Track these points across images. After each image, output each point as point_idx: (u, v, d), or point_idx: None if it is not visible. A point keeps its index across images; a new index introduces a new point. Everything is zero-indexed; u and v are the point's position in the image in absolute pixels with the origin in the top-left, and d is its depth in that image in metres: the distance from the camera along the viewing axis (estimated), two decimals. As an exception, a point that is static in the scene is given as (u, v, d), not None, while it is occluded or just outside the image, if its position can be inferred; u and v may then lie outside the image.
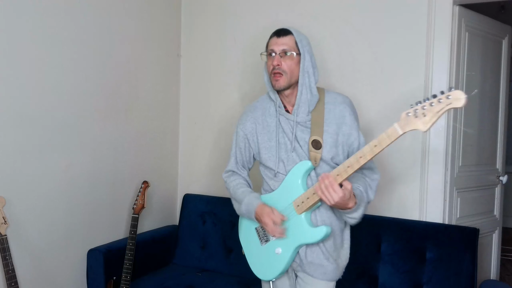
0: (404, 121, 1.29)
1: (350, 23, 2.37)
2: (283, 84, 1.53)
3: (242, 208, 1.62)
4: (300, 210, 1.50)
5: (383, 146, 1.33)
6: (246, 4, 2.65)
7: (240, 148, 1.70)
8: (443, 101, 1.22)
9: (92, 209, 2.28)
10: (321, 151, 1.52)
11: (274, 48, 1.53)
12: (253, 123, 1.65)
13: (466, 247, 1.97)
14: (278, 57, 1.52)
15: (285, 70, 1.52)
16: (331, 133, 1.53)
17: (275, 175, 1.59)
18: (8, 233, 1.81)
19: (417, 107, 1.27)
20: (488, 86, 2.56)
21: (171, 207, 2.84)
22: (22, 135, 1.93)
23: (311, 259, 1.55)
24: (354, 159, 1.38)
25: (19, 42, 1.89)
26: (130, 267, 2.12)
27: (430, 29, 2.19)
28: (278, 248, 1.55)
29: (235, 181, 1.70)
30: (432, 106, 1.24)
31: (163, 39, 2.70)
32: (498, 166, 2.71)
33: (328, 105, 1.55)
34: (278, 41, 1.53)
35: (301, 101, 1.54)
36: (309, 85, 1.54)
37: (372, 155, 1.35)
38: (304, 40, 1.56)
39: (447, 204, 2.25)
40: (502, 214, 2.78)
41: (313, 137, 1.52)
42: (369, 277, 2.10)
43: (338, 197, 1.36)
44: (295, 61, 1.53)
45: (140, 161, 2.56)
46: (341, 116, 1.54)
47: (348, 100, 1.59)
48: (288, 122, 1.57)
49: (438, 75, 2.19)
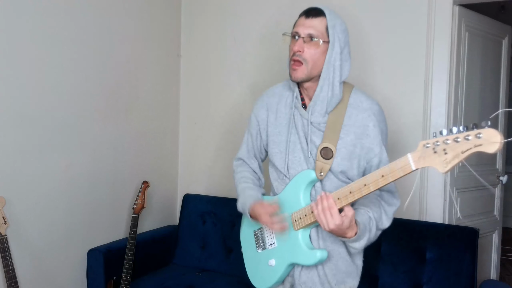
0: (420, 153, 1.05)
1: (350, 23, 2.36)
2: (301, 75, 1.30)
3: (240, 206, 1.48)
4: (297, 226, 1.33)
5: (389, 180, 1.11)
6: (246, 4, 2.65)
7: (252, 135, 1.51)
8: (472, 139, 0.95)
9: (92, 209, 2.28)
10: (331, 162, 1.29)
11: (299, 30, 1.29)
12: (266, 110, 1.45)
13: (466, 247, 1.96)
14: (301, 42, 1.28)
15: (306, 58, 1.28)
16: (347, 143, 1.30)
17: (278, 175, 1.43)
18: (8, 233, 1.81)
19: (439, 138, 1.01)
20: (488, 86, 2.56)
21: (171, 207, 2.84)
22: (22, 135, 1.93)
23: (305, 280, 1.36)
24: (357, 185, 1.18)
25: (19, 42, 1.89)
26: (130, 267, 2.12)
27: (430, 29, 2.19)
28: (272, 259, 1.41)
29: (241, 174, 1.54)
30: (457, 142, 0.97)
31: (163, 39, 2.70)
32: (498, 166, 2.71)
33: (350, 108, 1.32)
34: (305, 23, 1.29)
35: (319, 98, 1.31)
36: (332, 82, 1.30)
37: (377, 187, 1.14)
38: (338, 26, 1.30)
39: (447, 204, 2.25)
40: (502, 214, 2.78)
41: (324, 144, 1.30)
42: (369, 277, 2.10)
43: (334, 225, 1.17)
44: (321, 50, 1.28)
45: (140, 161, 2.56)
46: (363, 125, 1.30)
47: (376, 108, 1.33)
48: (302, 119, 1.36)
49: (438, 75, 2.19)
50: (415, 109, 2.24)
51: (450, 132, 1.00)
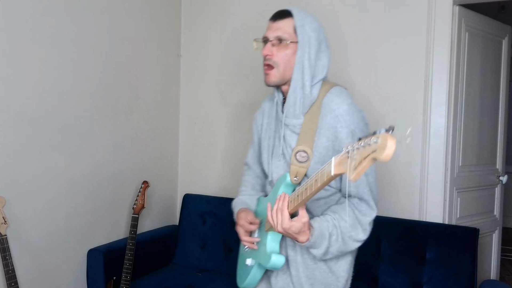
0: (340, 159, 0.97)
1: (350, 22, 2.37)
2: (273, 79, 1.27)
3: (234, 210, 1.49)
4: (267, 227, 1.30)
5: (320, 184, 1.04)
6: (246, 4, 2.65)
7: (254, 141, 1.51)
8: (372, 145, 0.85)
9: (92, 209, 2.28)
10: (307, 165, 1.23)
11: (267, 34, 1.28)
12: (262, 116, 1.45)
13: (466, 247, 1.96)
14: (270, 46, 1.26)
15: (277, 61, 1.26)
16: (319, 146, 1.24)
17: (267, 178, 1.42)
18: (8, 233, 1.81)
19: (355, 143, 0.92)
20: (488, 86, 2.56)
21: (171, 207, 2.84)
22: (22, 135, 1.93)
23: (281, 285, 1.32)
24: (301, 189, 1.12)
25: (19, 42, 1.89)
26: (130, 267, 2.12)
27: (430, 29, 2.19)
28: (249, 259, 1.39)
29: (244, 177, 1.55)
30: (363, 147, 0.88)
31: (163, 39, 2.70)
32: (498, 166, 2.71)
33: (322, 109, 1.25)
34: (272, 26, 1.27)
35: (291, 100, 1.27)
36: (302, 82, 1.25)
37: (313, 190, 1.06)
38: (308, 24, 1.26)
39: (447, 204, 2.25)
40: (502, 214, 2.78)
41: (299, 147, 1.25)
42: (369, 277, 2.10)
43: (281, 227, 1.13)
44: (291, 51, 1.25)
45: (140, 161, 2.56)
46: (332, 127, 1.23)
47: (343, 108, 1.23)
48: (280, 123, 1.33)
49: (438, 75, 2.19)
50: (415, 109, 2.24)
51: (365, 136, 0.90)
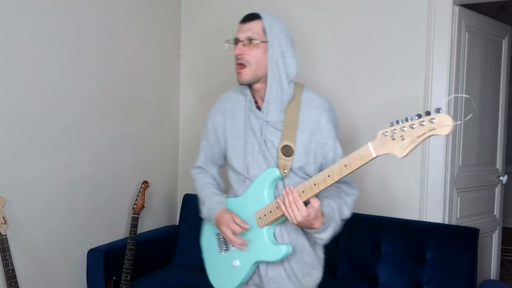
0: (379, 142, 1.10)
1: (350, 22, 2.37)
2: (246, 77, 1.35)
3: (204, 212, 1.48)
4: (262, 223, 1.35)
5: (353, 168, 1.16)
6: (246, 4, 2.65)
7: (209, 142, 1.53)
8: (426, 124, 1.02)
9: (92, 209, 2.28)
10: (292, 159, 1.34)
11: (238, 36, 1.37)
12: (223, 116, 1.48)
13: (466, 247, 1.96)
14: (241, 46, 1.35)
15: (248, 60, 1.34)
16: (303, 140, 1.35)
17: (238, 177, 1.44)
18: (8, 233, 1.81)
19: (396, 126, 1.07)
20: (488, 86, 2.56)
21: (171, 207, 2.84)
22: (22, 135, 1.93)
23: (272, 276, 1.39)
24: (321, 177, 1.22)
25: (19, 42, 1.89)
26: (130, 267, 2.12)
27: (430, 29, 2.19)
28: (236, 260, 1.41)
29: (202, 180, 1.55)
30: (412, 128, 1.04)
31: (163, 39, 2.70)
32: (498, 166, 2.71)
33: (303, 106, 1.36)
34: (243, 28, 1.37)
35: (271, 97, 1.35)
36: (279, 79, 1.34)
37: (341, 176, 1.18)
38: (276, 26, 1.35)
39: (447, 204, 2.25)
40: (502, 214, 2.78)
41: (284, 142, 1.34)
42: (369, 277, 2.10)
43: (301, 217, 1.21)
44: (261, 50, 1.34)
45: (140, 161, 2.56)
46: (316, 121, 1.35)
47: (326, 104, 1.38)
48: (258, 120, 1.39)
49: (438, 75, 2.19)
50: (415, 109, 2.24)
51: (408, 119, 1.06)
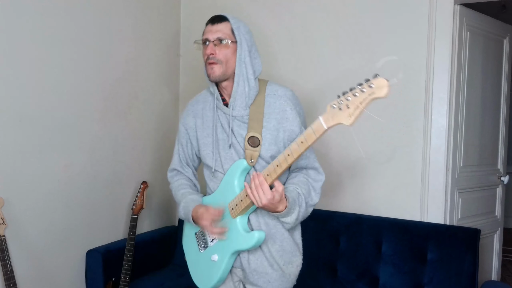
0: (329, 114, 1.17)
1: (350, 22, 2.36)
2: (218, 74, 1.42)
3: (180, 212, 1.53)
4: (234, 214, 1.40)
5: (309, 143, 1.23)
6: (246, 4, 2.65)
7: (182, 144, 1.60)
8: (366, 90, 1.09)
9: (91, 209, 2.27)
10: (259, 149, 1.40)
11: (208, 36, 1.43)
12: (194, 118, 1.55)
13: (467, 248, 1.95)
14: (212, 46, 1.42)
15: (220, 59, 1.41)
16: (270, 129, 1.42)
17: (213, 174, 1.50)
18: (7, 234, 1.81)
19: (342, 97, 1.14)
20: (489, 86, 2.55)
21: (171, 207, 2.83)
22: (21, 135, 1.92)
23: (255, 267, 1.44)
24: (282, 157, 1.28)
25: (19, 42, 1.89)
26: (129, 268, 2.11)
27: (431, 28, 2.18)
28: (215, 254, 1.45)
29: (177, 182, 1.61)
30: (355, 96, 1.11)
31: (163, 38, 2.70)
32: (500, 166, 2.70)
33: (268, 98, 1.44)
34: (212, 29, 1.43)
35: (238, 93, 1.43)
36: (247, 76, 1.43)
37: (300, 152, 1.25)
38: (242, 27, 1.45)
39: (448, 205, 2.23)
40: (503, 214, 2.77)
41: (250, 134, 1.41)
42: (370, 278, 2.09)
43: (266, 199, 1.27)
44: (231, 50, 1.42)
45: (139, 161, 2.55)
46: (282, 110, 1.42)
47: (289, 93, 1.47)
48: (226, 116, 1.47)
49: (439, 75, 2.18)
50: (416, 109, 2.23)
51: (351, 90, 1.12)
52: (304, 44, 2.47)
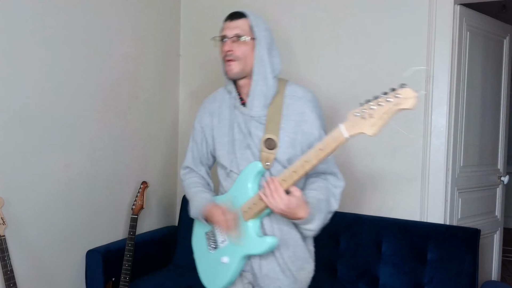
0: (350, 123, 1.13)
1: (350, 22, 2.36)
2: (236, 71, 1.38)
3: (192, 210, 1.49)
4: (247, 217, 1.36)
5: (328, 151, 1.18)
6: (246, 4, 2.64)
7: (197, 142, 1.56)
8: (392, 100, 1.05)
9: (91, 209, 2.27)
10: (275, 152, 1.36)
11: (226, 33, 1.39)
12: (210, 116, 1.51)
13: (467, 248, 1.95)
14: (230, 42, 1.38)
15: (238, 55, 1.37)
16: (288, 132, 1.37)
17: (227, 174, 1.46)
18: (7, 234, 1.81)
19: (365, 106, 1.10)
20: (489, 86, 2.55)
21: (171, 207, 2.83)
22: (21, 135, 1.92)
23: (266, 272, 1.40)
24: (299, 163, 1.24)
25: (19, 42, 1.89)
26: (129, 268, 2.11)
27: (431, 28, 2.18)
28: (225, 256, 1.42)
29: (190, 180, 1.57)
30: (380, 106, 1.07)
31: (163, 38, 2.70)
32: (500, 166, 2.70)
33: (287, 99, 1.39)
34: (230, 25, 1.40)
35: (256, 92, 1.38)
36: (265, 75, 1.38)
37: (317, 159, 1.20)
38: (261, 24, 1.41)
39: (448, 205, 2.23)
40: (503, 214, 2.77)
41: (267, 136, 1.36)
42: (370, 278, 2.09)
43: (283, 204, 1.22)
44: (249, 47, 1.37)
45: (139, 161, 2.55)
46: (301, 112, 1.38)
47: (310, 95, 1.42)
48: (243, 116, 1.42)
49: (439, 75, 2.18)
50: (416, 109, 2.22)
51: (375, 98, 1.08)
52: (304, 44, 2.47)
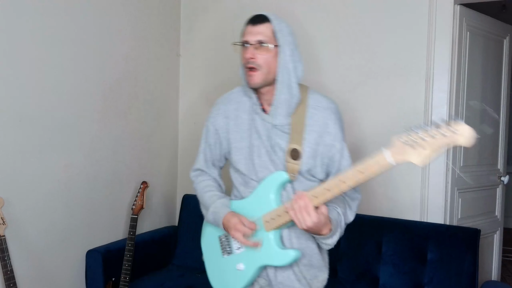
0: (397, 149, 1.11)
1: (350, 22, 2.36)
2: (258, 81, 1.32)
3: (209, 216, 1.45)
4: (269, 227, 1.33)
5: (368, 174, 1.15)
6: (246, 3, 2.64)
7: (210, 144, 1.50)
8: (448, 135, 1.05)
9: (91, 209, 2.27)
10: (299, 162, 1.33)
11: (248, 38, 1.33)
12: (225, 118, 1.45)
13: (467, 248, 1.95)
14: (252, 49, 1.31)
15: (260, 64, 1.31)
16: (310, 142, 1.34)
17: (244, 180, 1.42)
18: (7, 234, 1.81)
19: (415, 135, 1.07)
20: (489, 86, 2.55)
21: (171, 207, 2.83)
22: (21, 135, 1.92)
23: (281, 280, 1.38)
24: (334, 182, 1.20)
25: (19, 42, 1.89)
26: (129, 268, 2.11)
27: (431, 28, 2.18)
28: (241, 263, 1.39)
29: (203, 183, 1.52)
30: (434, 138, 1.05)
31: (163, 38, 2.70)
32: (500, 166, 2.70)
33: (310, 109, 1.36)
34: (253, 30, 1.33)
35: (279, 102, 1.34)
36: (289, 84, 1.33)
37: (355, 181, 1.17)
38: (284, 29, 1.34)
39: (448, 205, 2.23)
40: (503, 214, 2.77)
41: (292, 146, 1.33)
42: (370, 278, 2.09)
43: (311, 222, 1.20)
44: (272, 54, 1.31)
45: (139, 161, 2.55)
46: (324, 123, 1.34)
47: (333, 106, 1.39)
48: (264, 123, 1.37)
49: (439, 75, 2.18)
50: (416, 109, 2.23)
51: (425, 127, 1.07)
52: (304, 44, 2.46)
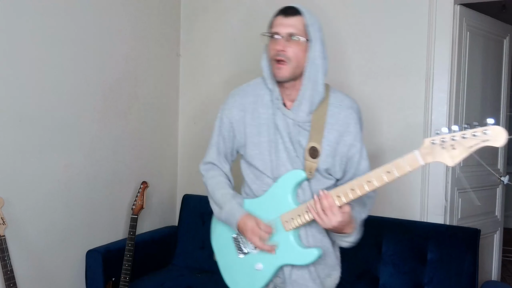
0: (427, 150, 1.12)
1: (350, 22, 2.36)
2: (286, 74, 1.28)
3: (223, 216, 1.41)
4: (289, 227, 1.31)
5: (397, 174, 1.15)
6: (246, 3, 2.64)
7: (224, 137, 1.45)
8: (479, 136, 1.06)
9: (91, 209, 2.27)
10: (318, 161, 1.30)
11: (279, 30, 1.28)
12: (242, 111, 1.40)
13: (467, 248, 1.95)
14: (283, 41, 1.27)
15: (290, 57, 1.27)
16: (330, 141, 1.32)
17: (257, 176, 1.39)
18: (7, 234, 1.81)
19: (445, 136, 1.09)
20: (489, 86, 2.55)
21: (171, 207, 2.83)
22: (21, 135, 1.92)
23: (295, 278, 1.36)
24: (359, 182, 1.19)
25: (19, 42, 1.88)
26: (129, 268, 2.11)
27: (431, 28, 2.18)
28: (259, 263, 1.36)
29: (215, 179, 1.47)
30: (464, 138, 1.07)
31: (163, 38, 2.70)
32: (500, 166, 2.70)
33: (332, 107, 1.33)
34: (284, 22, 1.28)
35: (304, 98, 1.31)
36: (315, 80, 1.30)
37: (383, 181, 1.16)
38: (316, 24, 1.30)
39: (448, 205, 2.23)
40: (503, 214, 2.77)
41: (311, 144, 1.30)
42: (370, 278, 2.09)
43: (336, 222, 1.19)
44: (302, 48, 1.28)
45: (139, 161, 2.55)
46: (346, 123, 1.32)
47: (356, 106, 1.36)
48: (285, 119, 1.33)
49: (439, 75, 2.18)
50: (416, 109, 2.23)
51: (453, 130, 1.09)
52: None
